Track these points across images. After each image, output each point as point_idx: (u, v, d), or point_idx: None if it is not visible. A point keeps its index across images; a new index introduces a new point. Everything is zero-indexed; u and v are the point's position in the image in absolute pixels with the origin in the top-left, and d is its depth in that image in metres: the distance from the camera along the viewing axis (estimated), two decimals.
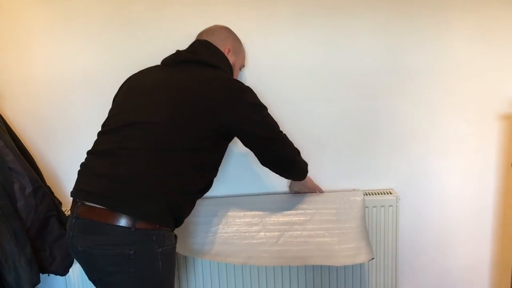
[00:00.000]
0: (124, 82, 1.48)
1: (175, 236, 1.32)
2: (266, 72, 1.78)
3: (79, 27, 1.73)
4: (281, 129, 1.43)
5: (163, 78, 1.37)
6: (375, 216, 1.80)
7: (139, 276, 1.21)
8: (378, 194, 1.83)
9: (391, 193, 1.83)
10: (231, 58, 1.52)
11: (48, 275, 1.70)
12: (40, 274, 1.57)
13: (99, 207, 1.20)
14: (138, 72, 1.49)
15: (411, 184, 1.88)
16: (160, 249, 1.22)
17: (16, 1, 1.71)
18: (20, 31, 1.73)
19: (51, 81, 1.77)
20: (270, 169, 1.47)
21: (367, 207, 1.79)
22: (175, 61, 1.44)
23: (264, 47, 1.75)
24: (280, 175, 1.52)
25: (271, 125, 1.40)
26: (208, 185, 1.39)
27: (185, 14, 1.71)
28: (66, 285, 1.88)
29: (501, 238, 1.91)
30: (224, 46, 1.51)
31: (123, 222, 1.18)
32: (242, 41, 1.66)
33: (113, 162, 1.23)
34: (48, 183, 1.73)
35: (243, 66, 1.68)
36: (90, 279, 1.30)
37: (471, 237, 1.93)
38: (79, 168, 1.34)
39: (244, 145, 1.40)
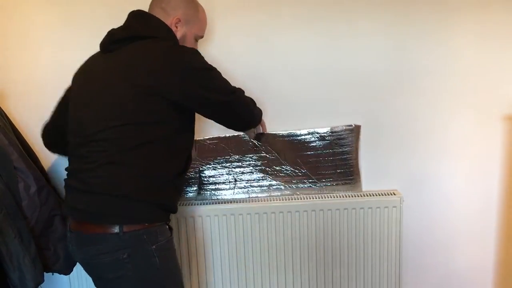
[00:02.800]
0: (72, 81, 1.42)
1: (170, 228, 1.32)
2: (268, 72, 1.78)
3: (83, 26, 1.74)
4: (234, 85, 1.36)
5: (100, 75, 1.29)
6: (378, 217, 1.80)
7: (138, 277, 1.22)
8: (382, 195, 1.83)
9: (394, 194, 1.82)
10: (180, 29, 1.37)
11: (52, 274, 1.71)
12: (44, 273, 1.57)
13: (82, 221, 1.24)
14: (80, 71, 1.40)
15: (415, 185, 1.87)
16: (153, 246, 1.23)
17: (20, 1, 1.71)
18: (24, 30, 1.74)
19: (55, 80, 1.78)
20: (234, 130, 1.46)
21: (370, 208, 1.79)
22: (110, 42, 1.31)
23: (266, 48, 1.75)
24: (241, 131, 1.53)
25: (222, 88, 1.32)
26: (185, 165, 1.36)
27: None
28: (70, 284, 1.88)
29: (505, 239, 1.91)
30: (173, 15, 1.36)
31: (110, 230, 1.20)
32: (242, 41, 1.63)
33: (84, 178, 1.24)
34: (52, 183, 1.73)
35: (201, 36, 1.49)
36: (96, 286, 1.34)
37: (475, 238, 1.92)
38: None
39: (201, 114, 1.35)
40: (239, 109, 1.39)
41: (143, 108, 1.21)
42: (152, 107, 1.22)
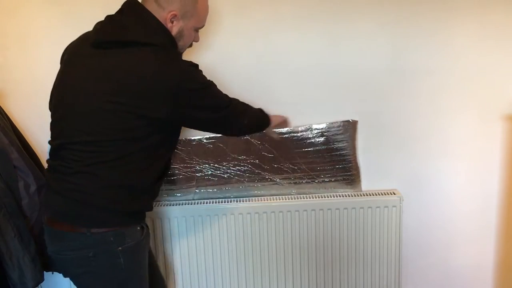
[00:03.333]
0: (63, 55, 1.37)
1: (142, 228, 1.31)
2: (268, 72, 1.78)
3: (83, 25, 1.73)
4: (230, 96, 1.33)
5: (91, 76, 1.21)
6: (378, 216, 1.80)
7: (102, 275, 1.26)
8: (382, 194, 1.83)
9: (394, 194, 1.82)
10: (176, 24, 1.27)
11: (52, 273, 1.71)
12: (44, 271, 1.57)
13: (52, 219, 1.27)
14: (71, 50, 1.33)
15: (415, 184, 1.87)
16: (119, 248, 1.23)
17: (20, 1, 1.72)
18: (24, 30, 1.74)
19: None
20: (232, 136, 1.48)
21: (370, 207, 1.79)
22: (102, 40, 1.24)
23: (266, 48, 1.75)
24: (241, 136, 1.56)
25: (215, 106, 1.28)
26: (165, 170, 1.35)
27: None
28: (70, 283, 1.88)
29: (505, 238, 1.91)
30: (168, 9, 1.25)
31: (77, 229, 1.22)
32: (242, 40, 1.64)
33: (59, 179, 1.25)
34: None
35: (201, 26, 1.37)
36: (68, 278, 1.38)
37: (475, 237, 1.92)
38: None
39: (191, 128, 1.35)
40: (232, 120, 1.36)
41: (123, 126, 1.19)
42: (132, 125, 1.19)
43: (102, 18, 1.70)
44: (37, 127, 1.82)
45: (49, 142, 1.31)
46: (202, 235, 1.81)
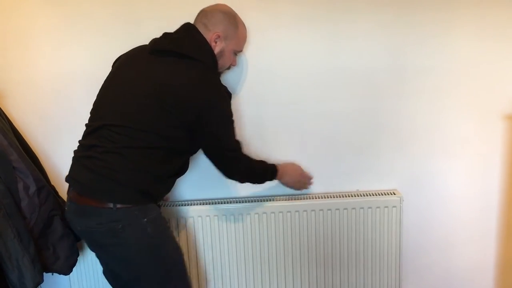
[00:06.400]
0: (115, 61, 1.58)
1: (159, 206, 1.50)
2: (267, 72, 1.77)
3: (83, 26, 1.74)
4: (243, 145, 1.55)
5: (139, 74, 1.44)
6: (378, 217, 1.80)
7: (132, 245, 1.39)
8: (382, 194, 1.82)
9: (394, 194, 1.82)
10: (219, 44, 1.51)
11: (52, 274, 1.71)
12: (44, 273, 1.57)
13: (83, 194, 1.39)
14: (127, 55, 1.55)
15: (415, 184, 1.87)
16: (145, 219, 1.39)
17: (20, 1, 1.72)
18: (24, 31, 1.74)
19: (55, 80, 1.78)
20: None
21: (370, 207, 1.78)
22: (159, 49, 1.45)
23: (266, 48, 1.75)
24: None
25: (228, 140, 1.50)
26: (181, 169, 1.53)
27: (188, 15, 1.71)
28: (70, 284, 1.88)
29: (506, 239, 1.90)
30: (213, 31, 1.49)
31: (105, 204, 1.36)
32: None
33: (92, 156, 1.39)
34: (52, 183, 1.73)
35: (239, 51, 1.62)
36: (93, 251, 1.49)
37: (475, 237, 1.92)
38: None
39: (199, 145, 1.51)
40: (231, 161, 1.54)
41: (158, 122, 1.38)
42: (170, 124, 1.39)
43: (102, 19, 1.73)
44: (36, 128, 1.82)
45: (86, 125, 1.48)
46: (202, 236, 1.81)
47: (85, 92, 1.78)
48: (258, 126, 1.82)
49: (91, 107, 1.77)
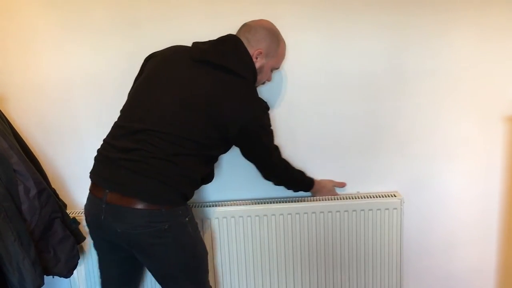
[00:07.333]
0: (147, 59, 1.58)
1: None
2: None
3: (83, 29, 1.75)
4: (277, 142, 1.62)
5: (185, 81, 1.45)
6: (379, 219, 1.79)
7: (176, 244, 1.44)
8: (382, 196, 1.82)
9: (395, 196, 1.82)
10: (260, 61, 1.54)
11: (53, 277, 1.71)
12: (44, 276, 1.57)
13: (129, 196, 1.38)
14: (164, 55, 1.54)
15: (416, 186, 1.87)
16: (186, 219, 1.46)
17: (20, 3, 1.72)
18: (24, 33, 1.75)
19: (55, 83, 1.78)
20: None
21: (370, 210, 1.78)
22: (207, 60, 1.47)
23: None
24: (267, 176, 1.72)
25: (267, 145, 1.59)
26: (207, 176, 1.59)
27: (188, 16, 1.72)
28: (71, 287, 1.88)
29: (506, 240, 1.90)
30: (256, 47, 1.53)
31: (154, 206, 1.38)
32: None
33: (136, 160, 1.39)
34: (53, 185, 1.73)
35: (277, 68, 1.66)
36: (122, 253, 1.51)
37: (476, 239, 1.91)
38: (96, 154, 1.48)
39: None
40: (269, 162, 1.65)
41: (203, 133, 1.43)
42: (211, 135, 1.44)
43: (102, 23, 1.72)
44: (37, 131, 1.82)
45: (118, 125, 1.47)
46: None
47: (86, 95, 1.79)
48: None
49: (91, 110, 1.79)
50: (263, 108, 1.55)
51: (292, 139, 1.84)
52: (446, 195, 1.88)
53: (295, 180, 1.77)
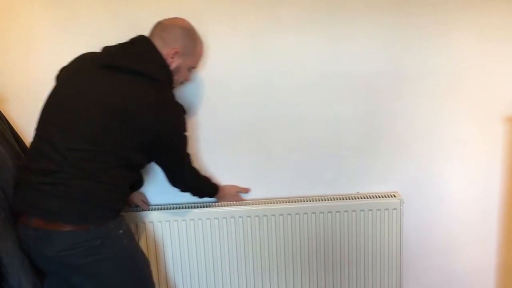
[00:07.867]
0: (58, 74, 1.52)
1: (123, 217, 1.50)
2: (268, 75, 1.77)
3: (83, 29, 1.74)
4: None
5: (93, 92, 1.39)
6: (379, 219, 1.79)
7: (111, 258, 1.39)
8: (382, 197, 1.82)
9: (395, 196, 1.82)
10: (176, 60, 1.48)
11: None
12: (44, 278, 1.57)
13: (54, 221, 1.33)
14: (74, 67, 1.48)
15: (415, 187, 1.87)
16: (120, 231, 1.42)
17: (20, 3, 1.72)
18: (25, 35, 1.74)
19: None
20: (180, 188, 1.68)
21: (370, 210, 1.78)
22: (110, 63, 1.41)
23: (266, 51, 1.75)
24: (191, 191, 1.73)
25: (182, 152, 1.57)
26: (134, 183, 1.56)
27: (189, 17, 1.71)
28: None
29: (506, 241, 1.90)
30: (172, 46, 1.47)
31: (82, 227, 1.34)
32: (240, 43, 1.68)
33: (57, 183, 1.33)
34: None
35: (194, 67, 1.61)
36: (58, 276, 1.47)
37: (476, 240, 1.91)
38: (14, 181, 1.43)
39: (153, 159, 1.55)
40: (186, 174, 1.63)
41: (120, 144, 1.38)
42: (127, 144, 1.39)
43: (102, 23, 1.72)
44: None
45: (33, 145, 1.42)
46: (202, 238, 1.81)
47: None
48: (257, 127, 1.82)
49: None
50: (179, 112, 1.50)
51: (292, 140, 1.83)
52: (446, 195, 1.88)
53: (203, 187, 1.75)
